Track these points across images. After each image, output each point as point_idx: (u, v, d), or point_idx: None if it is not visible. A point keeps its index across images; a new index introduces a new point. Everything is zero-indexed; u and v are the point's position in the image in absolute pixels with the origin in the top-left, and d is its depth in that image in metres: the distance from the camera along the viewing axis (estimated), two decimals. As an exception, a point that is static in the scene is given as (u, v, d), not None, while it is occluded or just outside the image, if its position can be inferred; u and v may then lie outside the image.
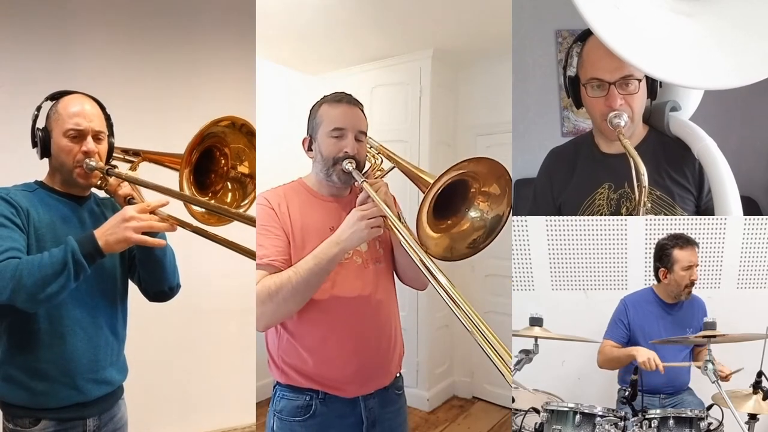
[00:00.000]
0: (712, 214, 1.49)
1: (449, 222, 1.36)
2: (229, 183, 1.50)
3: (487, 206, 1.35)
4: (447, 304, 1.12)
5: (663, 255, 2.10)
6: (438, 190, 1.26)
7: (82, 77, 2.65)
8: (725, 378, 1.93)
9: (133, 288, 1.64)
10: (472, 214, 1.36)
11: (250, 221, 1.29)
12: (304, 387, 1.47)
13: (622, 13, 1.26)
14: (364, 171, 1.53)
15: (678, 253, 2.06)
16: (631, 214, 1.49)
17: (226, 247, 1.33)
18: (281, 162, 2.90)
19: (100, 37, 2.83)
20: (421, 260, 1.23)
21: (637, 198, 1.36)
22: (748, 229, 2.45)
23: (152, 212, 1.35)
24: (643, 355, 1.94)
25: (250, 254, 1.32)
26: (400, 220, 1.34)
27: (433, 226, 1.32)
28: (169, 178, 1.42)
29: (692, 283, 2.09)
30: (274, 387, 1.54)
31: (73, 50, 2.76)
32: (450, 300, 1.11)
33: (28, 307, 1.33)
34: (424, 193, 1.27)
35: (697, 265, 2.09)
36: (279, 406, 1.49)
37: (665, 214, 1.51)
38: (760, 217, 2.51)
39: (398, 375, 1.62)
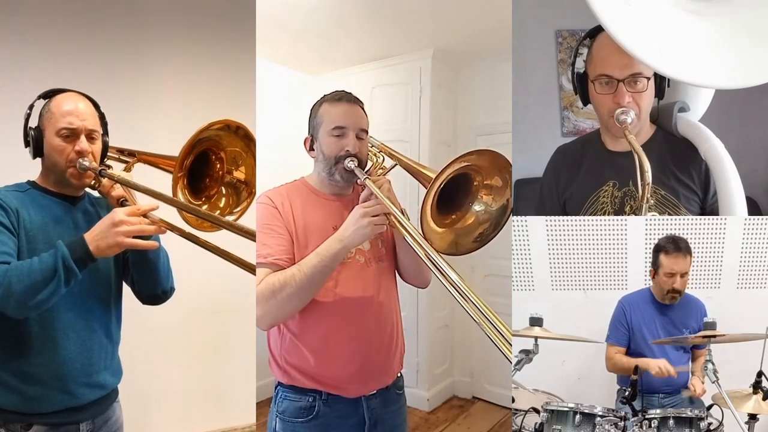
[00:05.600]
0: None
1: (453, 217, 1.35)
2: (223, 188, 1.48)
3: (491, 198, 1.34)
4: (456, 299, 1.11)
5: (654, 256, 2.10)
6: (441, 183, 1.25)
7: (77, 75, 2.63)
8: (694, 395, 1.97)
9: (129, 289, 1.63)
10: (477, 207, 1.35)
11: (247, 234, 1.23)
12: (307, 387, 1.47)
13: (633, 11, 1.26)
14: (366, 169, 1.53)
15: (663, 258, 2.06)
16: (634, 213, 1.48)
17: (218, 256, 1.29)
18: (282, 162, 2.90)
19: (97, 35, 2.83)
20: (426, 254, 1.22)
21: (640, 195, 1.36)
22: (748, 229, 2.45)
23: (143, 215, 1.32)
24: (654, 366, 1.97)
25: (241, 263, 1.27)
26: (403, 215, 1.34)
27: (437, 220, 1.31)
28: (164, 180, 1.40)
29: (676, 291, 2.07)
30: (275, 387, 1.53)
31: (68, 48, 2.75)
32: (459, 294, 1.10)
33: (18, 314, 1.31)
34: (426, 188, 1.26)
35: (683, 274, 2.06)
36: (281, 407, 1.49)
37: (669, 214, 1.51)
38: (760, 217, 2.51)
39: (399, 375, 1.62)
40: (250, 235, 1.23)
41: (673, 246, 2.06)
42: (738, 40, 1.27)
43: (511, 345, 0.98)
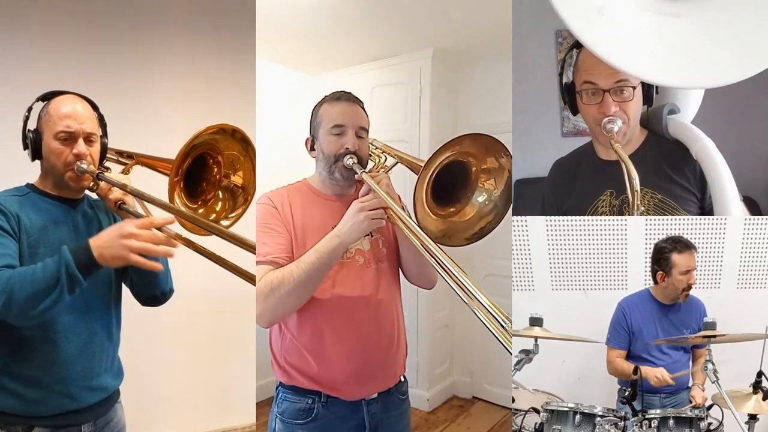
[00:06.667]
0: (717, 215, 1.49)
1: (452, 209, 1.35)
2: (220, 192, 1.47)
3: (492, 184, 1.33)
4: (458, 295, 1.07)
5: (661, 258, 2.09)
6: (438, 165, 1.24)
7: (77, 77, 2.64)
8: (696, 405, 1.98)
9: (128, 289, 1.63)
10: (479, 198, 1.34)
11: (245, 245, 1.18)
12: (307, 389, 1.47)
13: (607, 19, 1.25)
14: (368, 169, 1.53)
15: (676, 258, 2.06)
16: None
17: (215, 263, 1.25)
18: (282, 162, 2.91)
19: (96, 36, 2.83)
20: (424, 246, 1.20)
21: (630, 202, 1.36)
22: (748, 229, 2.45)
23: (157, 228, 1.25)
24: (652, 377, 1.99)
25: (238, 272, 1.24)
26: (404, 211, 1.34)
27: (432, 208, 1.30)
28: (163, 182, 1.40)
29: (690, 287, 2.08)
30: (276, 388, 1.54)
31: (68, 49, 2.75)
32: (461, 290, 1.06)
33: (20, 322, 1.30)
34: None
35: (695, 268, 2.08)
36: (281, 408, 1.49)
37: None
38: (760, 217, 2.51)
39: (403, 379, 1.61)
40: (248, 246, 1.19)
41: (683, 244, 2.07)
42: (717, 36, 1.25)
43: (510, 336, 0.95)
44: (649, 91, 1.50)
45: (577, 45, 1.53)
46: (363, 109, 1.56)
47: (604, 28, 1.25)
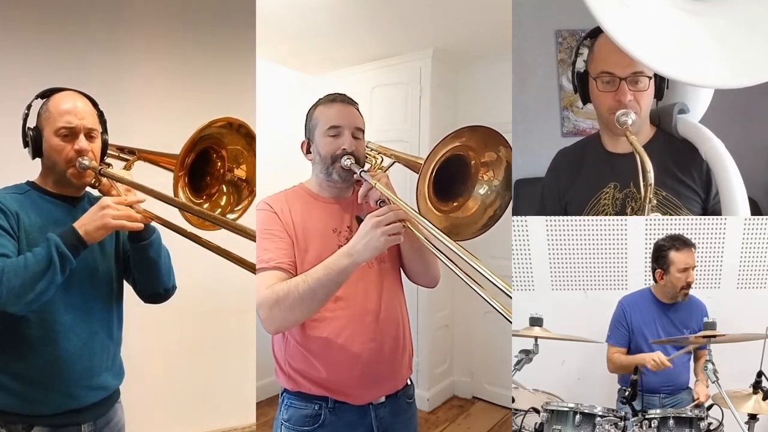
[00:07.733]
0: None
1: (454, 204, 1.34)
2: (224, 186, 1.48)
3: (492, 175, 1.33)
4: (474, 289, 1.07)
5: (659, 256, 2.09)
6: (439, 158, 1.24)
7: (76, 74, 2.63)
8: (699, 402, 1.98)
9: (130, 288, 1.63)
10: (481, 191, 1.34)
11: (247, 234, 1.21)
12: (313, 394, 1.45)
13: (631, 11, 1.26)
14: (365, 170, 1.53)
15: (674, 255, 2.06)
16: (636, 214, 1.48)
17: (219, 255, 1.29)
18: (282, 162, 2.90)
19: (97, 35, 2.83)
20: (443, 246, 1.17)
21: (642, 196, 1.36)
22: (748, 229, 2.45)
23: (129, 206, 1.39)
24: (649, 360, 1.98)
25: (242, 263, 1.26)
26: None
27: (435, 204, 1.30)
28: (164, 178, 1.41)
29: (689, 285, 2.08)
30: (281, 394, 1.52)
31: (68, 48, 2.75)
32: (475, 283, 1.06)
33: (18, 310, 1.30)
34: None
35: (694, 267, 2.08)
36: (287, 415, 1.47)
37: (671, 215, 1.51)
38: (760, 217, 2.51)
39: (410, 383, 1.59)
40: (249, 235, 1.22)
41: (682, 242, 2.07)
42: (736, 39, 1.27)
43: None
44: (660, 84, 1.51)
45: (591, 35, 1.54)
46: (358, 110, 1.55)
47: (627, 19, 1.26)
